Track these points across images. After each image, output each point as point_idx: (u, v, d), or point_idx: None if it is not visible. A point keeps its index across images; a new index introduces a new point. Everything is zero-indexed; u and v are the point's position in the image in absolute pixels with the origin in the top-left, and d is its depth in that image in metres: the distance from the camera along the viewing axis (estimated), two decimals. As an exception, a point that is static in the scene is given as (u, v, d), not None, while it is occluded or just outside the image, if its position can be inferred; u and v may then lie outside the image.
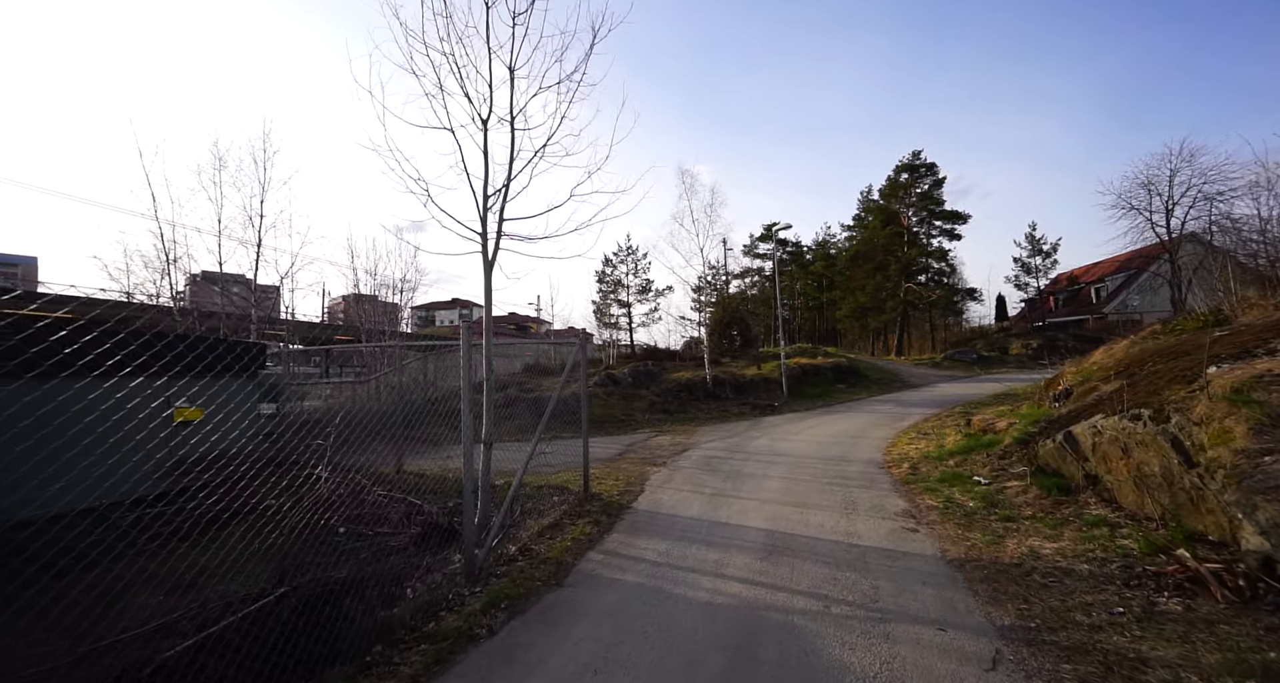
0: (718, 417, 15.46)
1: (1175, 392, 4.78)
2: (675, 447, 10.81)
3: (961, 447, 8.37)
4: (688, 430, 13.21)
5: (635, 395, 16.76)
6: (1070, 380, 8.72)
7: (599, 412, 15.06)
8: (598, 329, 23.87)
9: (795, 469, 8.15)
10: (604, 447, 11.10)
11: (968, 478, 6.77)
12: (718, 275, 30.34)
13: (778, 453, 9.61)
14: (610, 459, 9.64)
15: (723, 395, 17.69)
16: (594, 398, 15.82)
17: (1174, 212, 30.52)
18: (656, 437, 12.43)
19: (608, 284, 23.30)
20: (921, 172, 33.13)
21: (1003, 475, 6.59)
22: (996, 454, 7.38)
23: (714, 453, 9.85)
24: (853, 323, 39.77)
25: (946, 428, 11.38)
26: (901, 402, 16.79)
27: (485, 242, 5.90)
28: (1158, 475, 4.64)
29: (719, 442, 11.15)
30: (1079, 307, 41.99)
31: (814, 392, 19.30)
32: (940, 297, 32.39)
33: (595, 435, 12.90)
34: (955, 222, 32.85)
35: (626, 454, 10.19)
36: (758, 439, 11.26)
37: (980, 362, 26.93)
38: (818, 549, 4.74)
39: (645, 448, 10.82)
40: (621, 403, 16.08)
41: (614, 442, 11.77)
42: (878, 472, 7.84)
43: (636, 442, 11.73)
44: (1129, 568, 3.82)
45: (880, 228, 33.46)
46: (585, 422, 7.19)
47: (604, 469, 8.52)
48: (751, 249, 40.55)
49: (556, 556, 4.70)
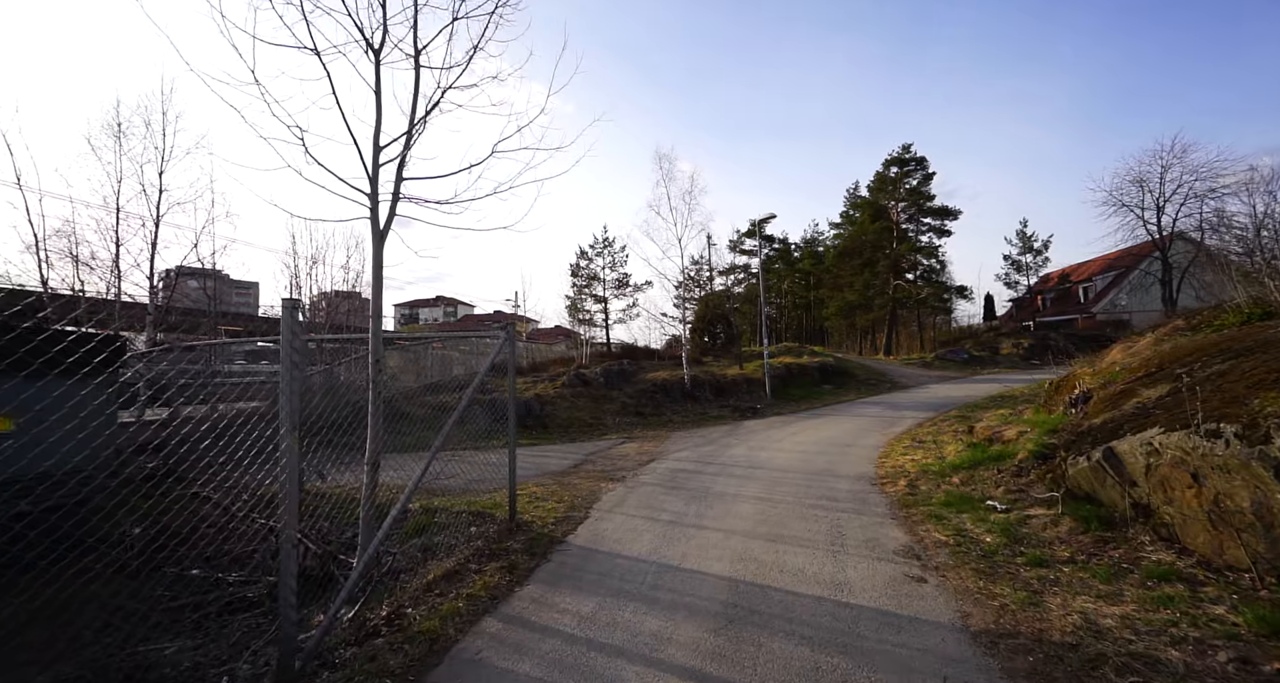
0: (695, 421, 14.24)
1: (1271, 401, 3.61)
2: (641, 457, 9.55)
3: (966, 460, 7.20)
4: (659, 437, 11.96)
5: (606, 397, 15.48)
6: (1089, 383, 7.60)
7: (564, 415, 13.79)
8: (573, 326, 22.55)
9: (774, 487, 6.92)
10: (560, 456, 9.81)
11: (979, 501, 5.58)
12: (701, 271, 29.18)
13: (755, 465, 8.39)
14: (562, 473, 8.35)
15: (701, 397, 16.48)
16: (559, 400, 14.55)
17: (1165, 209, 29.99)
18: (623, 444, 11.17)
19: (582, 278, 22.01)
20: (911, 165, 32.19)
21: (1022, 500, 5.41)
22: (1010, 470, 6.21)
23: (683, 465, 8.61)
24: (840, 322, 38.84)
25: (944, 435, 10.26)
26: (893, 404, 15.69)
27: (376, 204, 4.57)
28: (1248, 513, 3.46)
29: (691, 451, 9.91)
30: (1067, 306, 41.48)
31: (799, 393, 18.17)
32: (930, 294, 31.48)
33: (556, 443, 11.62)
34: (945, 217, 31.99)
35: (583, 466, 8.91)
36: (735, 448, 10.04)
37: (972, 362, 26.03)
38: (795, 612, 3.50)
39: (607, 458, 9.55)
40: (590, 405, 14.79)
41: (573, 450, 10.48)
42: (870, 490, 6.64)
43: (599, 450, 10.45)
44: (1246, 661, 2.61)
45: (869, 223, 32.48)
46: (513, 432, 5.90)
47: (549, 487, 7.23)
48: (737, 245, 39.47)
49: (435, 626, 3.39)
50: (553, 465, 8.88)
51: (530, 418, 13.29)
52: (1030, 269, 34.44)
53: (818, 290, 43.13)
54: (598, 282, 22.00)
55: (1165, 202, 29.50)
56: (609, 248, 21.74)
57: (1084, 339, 32.04)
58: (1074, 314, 39.49)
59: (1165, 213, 29.63)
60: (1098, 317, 37.85)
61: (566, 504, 6.29)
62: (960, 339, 34.49)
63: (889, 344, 32.80)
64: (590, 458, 9.60)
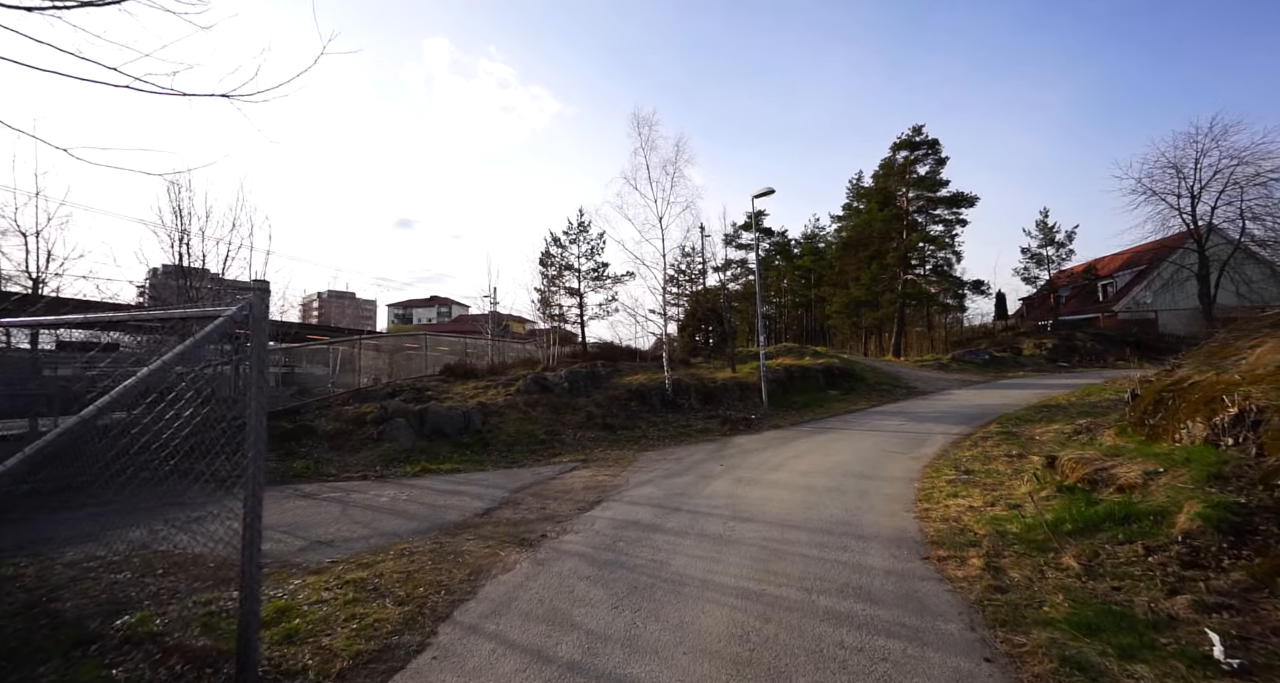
0: (673, 436, 11.63)
1: None
2: (587, 495, 6.95)
3: (1065, 517, 4.60)
4: (624, 459, 9.36)
5: (570, 406, 12.87)
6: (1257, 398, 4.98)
7: (511, 430, 11.17)
8: (543, 322, 19.93)
9: (765, 565, 4.33)
10: (479, 491, 7.21)
11: (1146, 625, 2.98)
12: (692, 264, 26.59)
13: (741, 514, 5.78)
14: (458, 526, 5.73)
15: (685, 406, 13.87)
16: (509, 410, 11.93)
17: (1201, 197, 27.38)
18: (575, 471, 8.56)
19: (554, 268, 19.37)
20: (923, 150, 29.48)
21: (1251, 627, 2.81)
22: (1175, 554, 3.62)
23: (638, 513, 6.00)
24: (844, 320, 36.20)
25: (997, 461, 7.67)
26: (914, 415, 13.09)
27: None
28: None
29: (657, 485, 7.30)
30: (1084, 304, 38.88)
31: (801, 400, 15.56)
32: (943, 289, 28.82)
33: (489, 468, 9.00)
34: (960, 206, 29.24)
35: (499, 511, 6.29)
36: (716, 480, 7.43)
37: (993, 364, 23.41)
38: None
39: (540, 497, 6.93)
40: (548, 417, 12.18)
41: (504, 481, 7.87)
42: (923, 576, 4.04)
43: (538, 481, 7.84)
44: None
45: (876, 211, 29.77)
46: (254, 472, 3.04)
47: (407, 561, 4.60)
48: (733, 239, 36.86)
49: None
50: (454, 512, 6.27)
51: (467, 434, 10.69)
52: (1052, 262, 31.78)
53: (819, 288, 40.51)
54: (571, 272, 19.38)
55: (1202, 189, 26.88)
56: (584, 234, 19.15)
57: (1110, 340, 29.48)
58: (1093, 313, 36.88)
59: (1202, 201, 26.98)
60: (1119, 315, 35.26)
61: (407, 609, 3.67)
62: (974, 339, 31.88)
63: (898, 344, 30.17)
64: (518, 496, 6.98)
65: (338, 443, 9.80)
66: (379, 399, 11.97)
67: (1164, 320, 33.45)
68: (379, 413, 10.69)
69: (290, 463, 8.60)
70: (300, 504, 6.57)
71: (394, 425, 10.17)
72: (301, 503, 6.64)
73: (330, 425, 10.30)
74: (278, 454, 9.03)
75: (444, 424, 10.67)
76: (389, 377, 17.55)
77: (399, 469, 8.67)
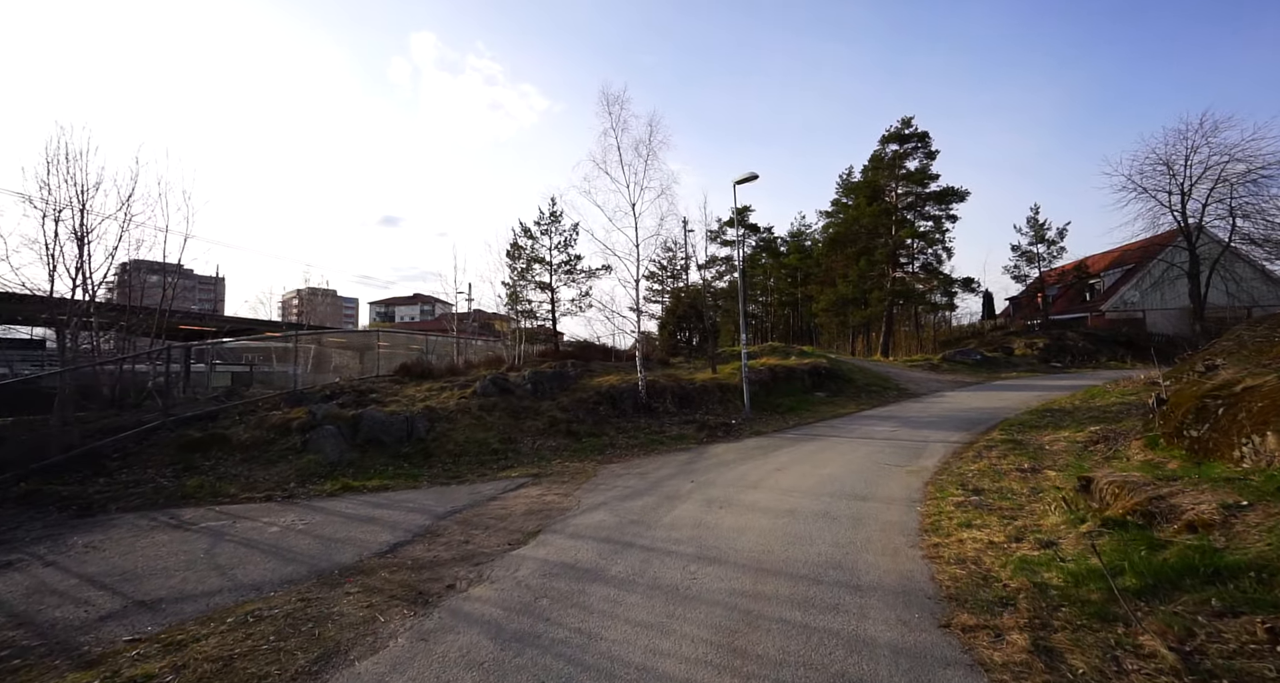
0: (644, 444, 10.46)
1: None
2: (525, 523, 5.74)
3: (1124, 560, 3.51)
4: (582, 474, 8.17)
5: (531, 410, 11.64)
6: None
7: (461, 437, 9.93)
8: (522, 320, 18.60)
9: (729, 638, 3.16)
10: (399, 518, 5.97)
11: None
12: (674, 259, 25.46)
13: (707, 553, 4.62)
14: (353, 567, 4.49)
15: (660, 410, 12.71)
16: (461, 415, 10.68)
17: (1191, 194, 26.82)
18: (521, 489, 7.34)
19: (523, 260, 18.02)
20: (913, 143, 28.58)
21: None
22: None
23: (578, 551, 4.81)
24: (831, 319, 35.29)
25: (1009, 478, 6.61)
26: (908, 420, 12.05)
27: None
28: None
29: (611, 510, 6.11)
30: (1072, 304, 38.44)
31: (786, 403, 14.47)
32: (933, 286, 27.96)
33: (424, 484, 7.69)
34: (951, 200, 28.37)
35: (411, 546, 5.07)
36: (683, 503, 6.27)
37: (985, 364, 22.55)
38: None
39: (467, 526, 5.71)
40: (506, 422, 10.94)
41: (435, 502, 6.64)
42: (945, 655, 2.90)
43: (474, 503, 6.61)
44: None
45: (865, 206, 28.82)
46: None
47: (258, 628, 3.37)
48: (718, 235, 35.74)
49: None
50: (351, 550, 5.02)
51: (408, 443, 9.42)
52: (1043, 260, 31.13)
53: (805, 287, 39.60)
54: (542, 265, 18.05)
55: (1192, 186, 26.31)
56: (556, 225, 17.84)
57: (1101, 339, 28.91)
58: (1081, 312, 36.42)
59: (1193, 198, 26.39)
60: (1106, 315, 34.81)
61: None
62: (963, 339, 31.16)
63: (886, 344, 29.29)
64: (442, 524, 5.76)
65: (253, 455, 8.48)
66: (315, 402, 10.64)
67: (1152, 320, 33.02)
68: (308, 419, 9.37)
69: (184, 480, 7.26)
70: (162, 540, 5.28)
71: (321, 434, 8.86)
72: (164, 537, 5.35)
73: (248, 434, 8.97)
74: (175, 469, 7.70)
75: (381, 432, 9.38)
76: (360, 374, 16.32)
77: (315, 487, 7.39)
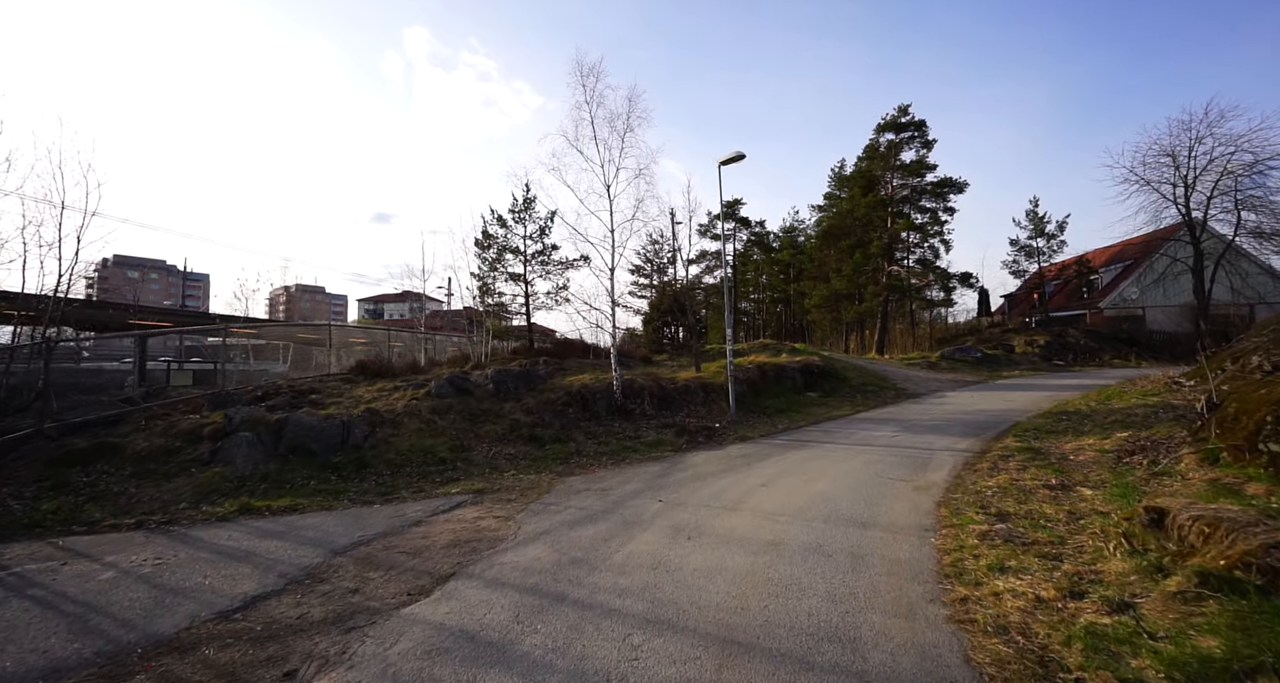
0: (615, 452, 9.28)
1: None
2: (441, 560, 4.55)
3: (1249, 639, 2.38)
4: (535, 489, 6.98)
5: (492, 413, 10.44)
6: None
7: (404, 445, 8.72)
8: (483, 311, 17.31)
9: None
10: (292, 550, 4.75)
11: None
12: (660, 252, 24.28)
13: (660, 613, 3.45)
14: (166, 643, 3.28)
15: (636, 412, 11.53)
16: (409, 418, 9.48)
17: (1196, 186, 25.92)
18: (456, 511, 6.14)
19: (493, 250, 16.70)
20: (909, 132, 27.48)
21: None
22: None
23: (492, 608, 3.63)
24: (824, 315, 34.24)
25: (1039, 497, 5.48)
26: (908, 423, 10.95)
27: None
28: None
29: (551, 542, 4.93)
30: (1070, 300, 37.63)
31: (775, 404, 13.35)
32: (930, 281, 26.94)
33: (347, 506, 6.47)
34: (949, 191, 27.27)
35: (276, 599, 3.86)
36: (644, 531, 5.10)
37: (986, 362, 21.54)
38: None
39: (365, 565, 4.50)
40: (461, 426, 9.73)
41: (346, 527, 5.43)
42: None
43: (389, 532, 5.40)
44: None
45: (860, 197, 27.71)
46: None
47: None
48: (708, 229, 34.61)
49: None
50: (186, 608, 3.81)
51: (342, 451, 8.19)
52: (1042, 254, 30.19)
53: (798, 283, 38.54)
54: (515, 256, 16.78)
55: (1196, 178, 25.37)
56: (530, 212, 16.55)
57: (1103, 337, 28.02)
58: (1078, 309, 35.59)
59: (1197, 190, 25.46)
60: (1105, 312, 33.98)
61: None
62: (960, 336, 30.18)
63: (881, 341, 28.26)
64: (336, 562, 4.56)
65: (148, 468, 7.22)
66: (244, 403, 9.39)
67: (1151, 317, 32.20)
68: (223, 424, 8.12)
69: (40, 502, 6.01)
70: None
71: (234, 442, 7.61)
72: None
73: (148, 442, 7.71)
74: (39, 487, 6.42)
75: (310, 439, 8.14)
76: (338, 370, 15.52)
77: (208, 509, 6.15)
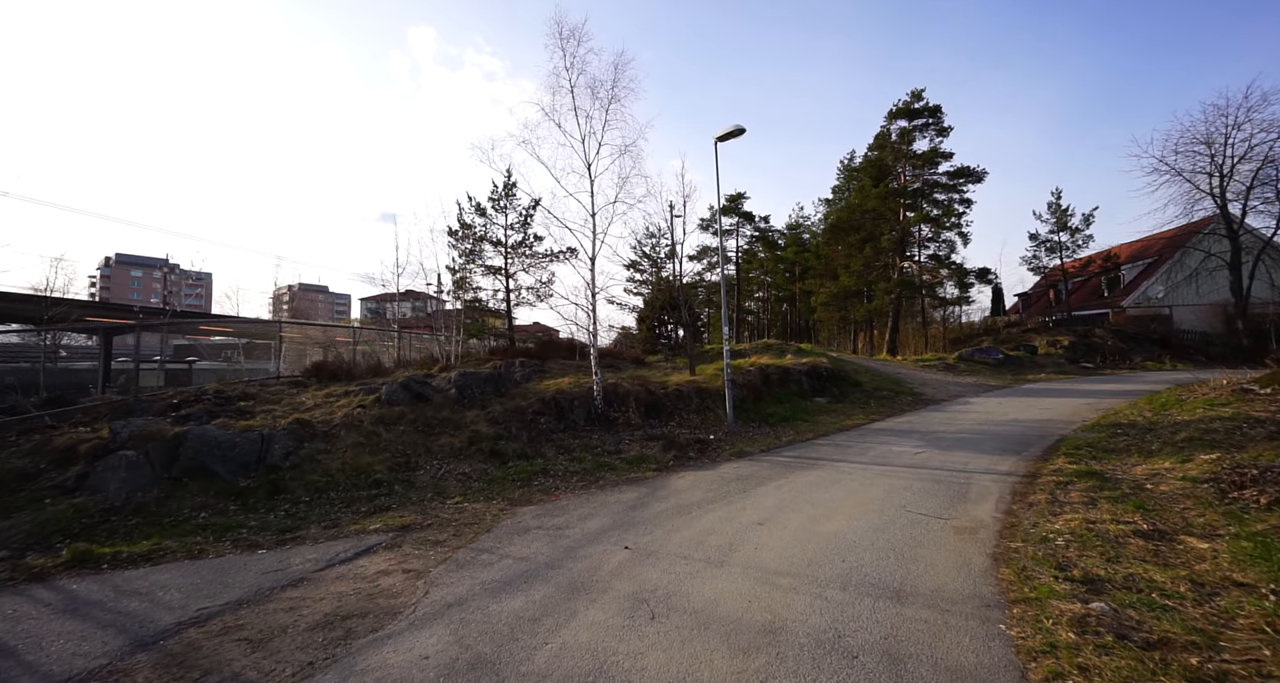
0: (588, 471, 7.85)
1: None
2: (291, 660, 3.13)
3: None
4: (474, 526, 5.55)
5: (450, 423, 9.03)
6: None
7: (336, 463, 7.32)
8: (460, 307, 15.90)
9: None
10: (73, 643, 3.31)
11: None
12: (658, 246, 22.81)
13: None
14: None
15: (620, 421, 10.09)
16: (349, 430, 8.11)
17: (1233, 176, 24.23)
18: (361, 559, 4.72)
19: (469, 241, 15.25)
20: (924, 119, 25.83)
21: None
22: None
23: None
24: (831, 314, 32.65)
25: (1133, 549, 3.99)
26: (933, 436, 9.44)
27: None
28: None
29: (456, 627, 3.49)
30: (1089, 299, 35.88)
31: (778, 411, 11.87)
32: (944, 278, 25.32)
33: (225, 552, 4.97)
34: (966, 181, 25.56)
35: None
36: (595, 601, 3.65)
37: (1008, 364, 19.96)
38: None
39: (174, 667, 3.10)
40: (411, 439, 8.32)
41: (194, 590, 4.03)
42: None
43: (252, 597, 3.98)
44: None
45: (870, 187, 26.11)
46: None
47: None
48: (709, 224, 33.09)
49: None
50: None
51: (255, 472, 6.80)
52: (1066, 250, 28.47)
53: (803, 281, 36.96)
54: (495, 247, 15.37)
55: (1234, 166, 23.67)
56: (511, 199, 15.13)
57: (1131, 337, 26.31)
58: (1098, 308, 33.87)
59: (1235, 179, 23.72)
60: (1128, 311, 32.24)
61: None
62: (975, 336, 28.55)
63: (893, 341, 26.67)
64: (130, 665, 3.15)
65: (-1, 496, 5.83)
66: (151, 413, 8.03)
67: (1179, 316, 30.42)
68: (109, 440, 6.74)
69: None
70: None
71: (112, 464, 6.21)
72: None
73: (8, 464, 6.33)
74: None
75: (215, 458, 6.75)
76: (289, 373, 14.60)
77: (32, 560, 4.75)
